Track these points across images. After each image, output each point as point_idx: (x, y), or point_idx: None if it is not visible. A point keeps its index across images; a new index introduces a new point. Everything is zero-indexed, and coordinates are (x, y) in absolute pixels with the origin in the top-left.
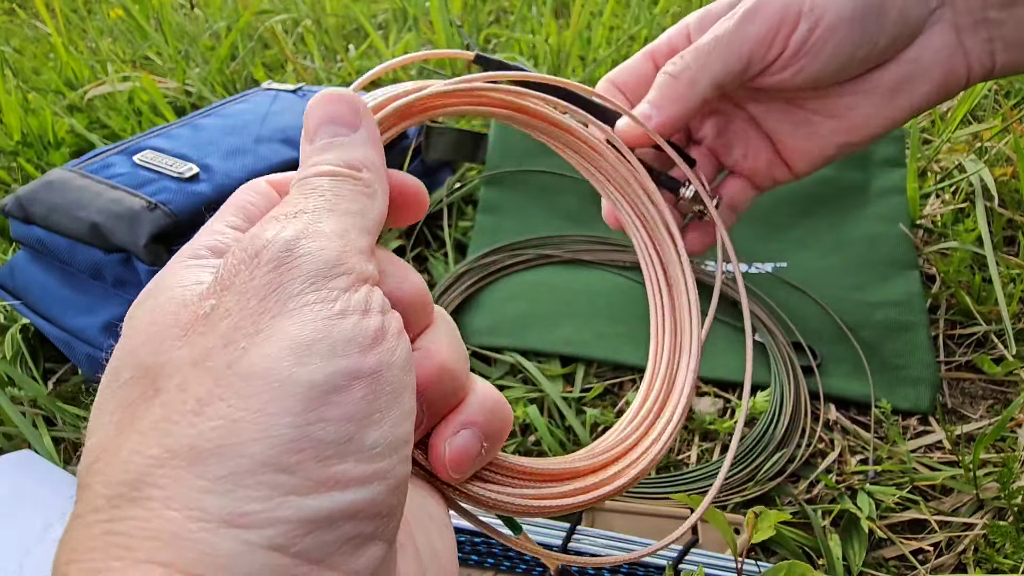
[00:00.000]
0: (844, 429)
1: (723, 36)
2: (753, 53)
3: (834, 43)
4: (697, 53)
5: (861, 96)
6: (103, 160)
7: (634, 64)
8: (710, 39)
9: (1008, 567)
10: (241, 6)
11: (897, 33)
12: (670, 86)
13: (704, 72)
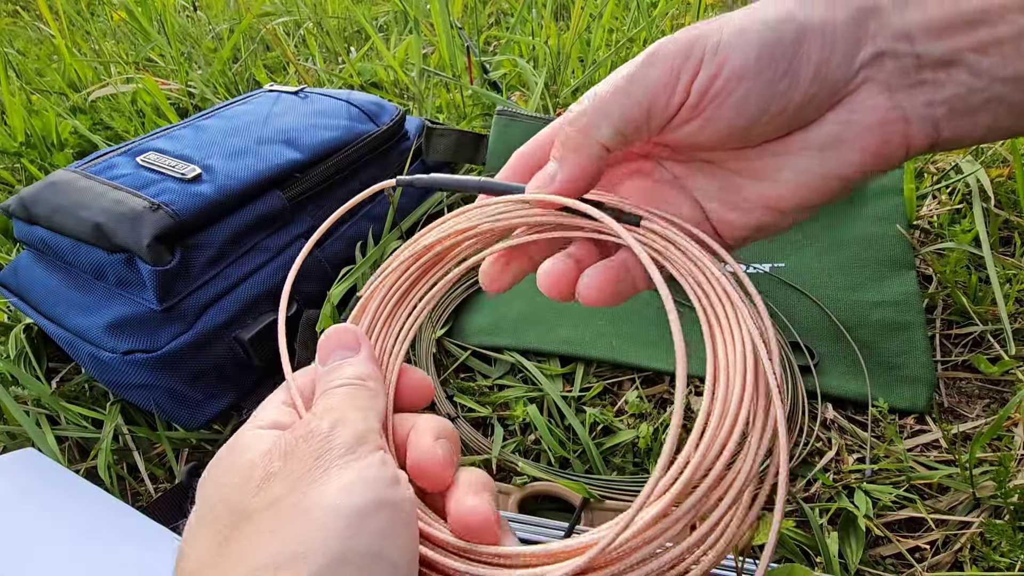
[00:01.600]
0: (841, 428)
1: (621, 81)
2: (654, 99)
3: (740, 93)
4: (595, 100)
5: (787, 157)
6: (106, 161)
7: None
8: (609, 86)
9: (1005, 565)
10: (243, 8)
11: (815, 91)
12: (570, 136)
13: (602, 117)
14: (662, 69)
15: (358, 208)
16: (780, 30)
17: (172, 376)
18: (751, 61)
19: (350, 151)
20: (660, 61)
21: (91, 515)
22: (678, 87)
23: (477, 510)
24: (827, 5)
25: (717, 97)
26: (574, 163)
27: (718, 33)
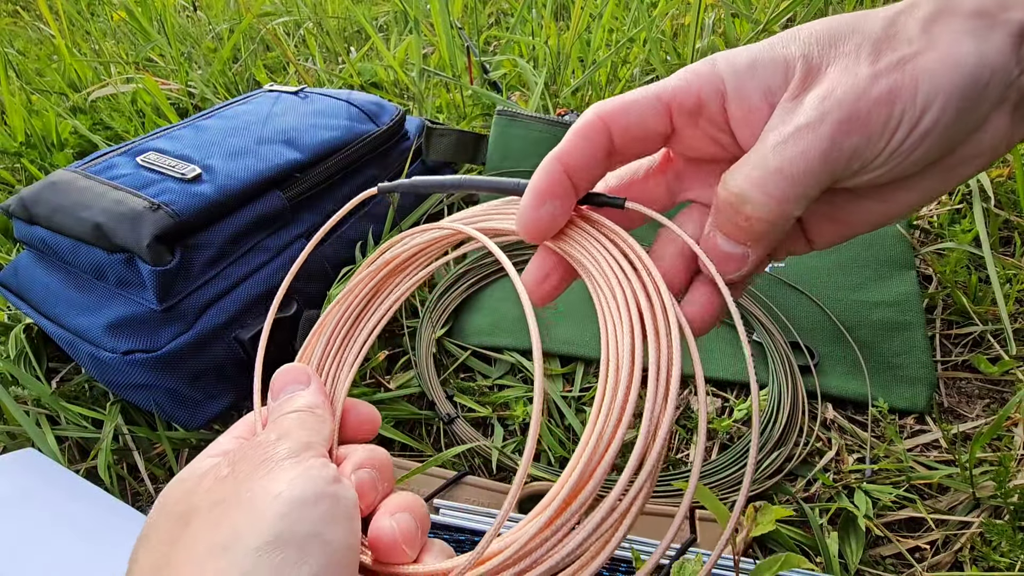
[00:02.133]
0: (841, 428)
1: (811, 151)
2: (848, 167)
3: (925, 147)
4: (778, 179)
5: (917, 180)
6: (106, 161)
7: (642, 108)
8: (798, 156)
9: (1004, 565)
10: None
11: (979, 125)
12: (756, 225)
13: (794, 200)
14: (864, 136)
15: (358, 208)
16: (977, 78)
17: (172, 376)
18: (947, 118)
19: (350, 151)
20: (862, 126)
21: (91, 515)
22: (871, 151)
23: (383, 530)
24: (994, 29)
25: (903, 154)
26: (766, 244)
27: (914, 88)
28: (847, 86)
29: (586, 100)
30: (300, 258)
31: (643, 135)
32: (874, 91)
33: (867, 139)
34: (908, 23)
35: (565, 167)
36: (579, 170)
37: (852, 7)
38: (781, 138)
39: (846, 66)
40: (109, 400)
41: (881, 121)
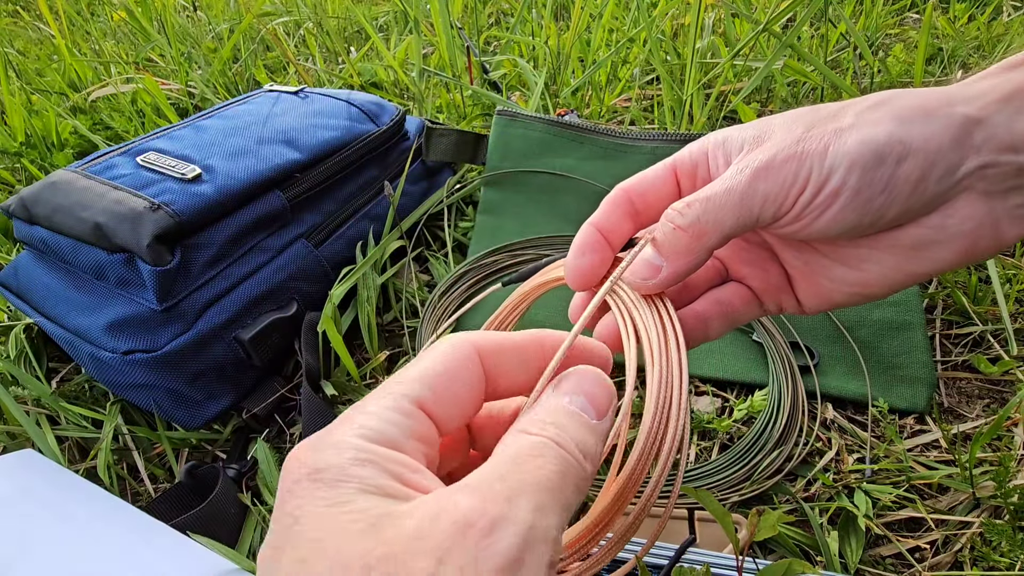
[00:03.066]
0: (841, 428)
1: (735, 189)
2: (763, 210)
3: (837, 208)
4: (707, 205)
5: (875, 251)
6: (106, 161)
7: (654, 176)
8: (721, 191)
9: (1005, 565)
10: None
11: (911, 205)
12: (679, 239)
13: (714, 226)
14: (773, 183)
15: (358, 208)
16: (883, 153)
17: (172, 376)
18: (852, 183)
19: (350, 151)
20: (773, 175)
21: (91, 515)
22: (785, 202)
23: None
24: (929, 120)
25: (816, 210)
26: (682, 264)
27: (824, 153)
28: (775, 146)
29: (586, 100)
30: None
31: (656, 197)
32: (790, 150)
33: (777, 187)
34: (850, 110)
35: (598, 228)
36: (610, 230)
37: (852, 7)
38: (719, 177)
39: (783, 134)
40: (109, 400)
41: (791, 173)
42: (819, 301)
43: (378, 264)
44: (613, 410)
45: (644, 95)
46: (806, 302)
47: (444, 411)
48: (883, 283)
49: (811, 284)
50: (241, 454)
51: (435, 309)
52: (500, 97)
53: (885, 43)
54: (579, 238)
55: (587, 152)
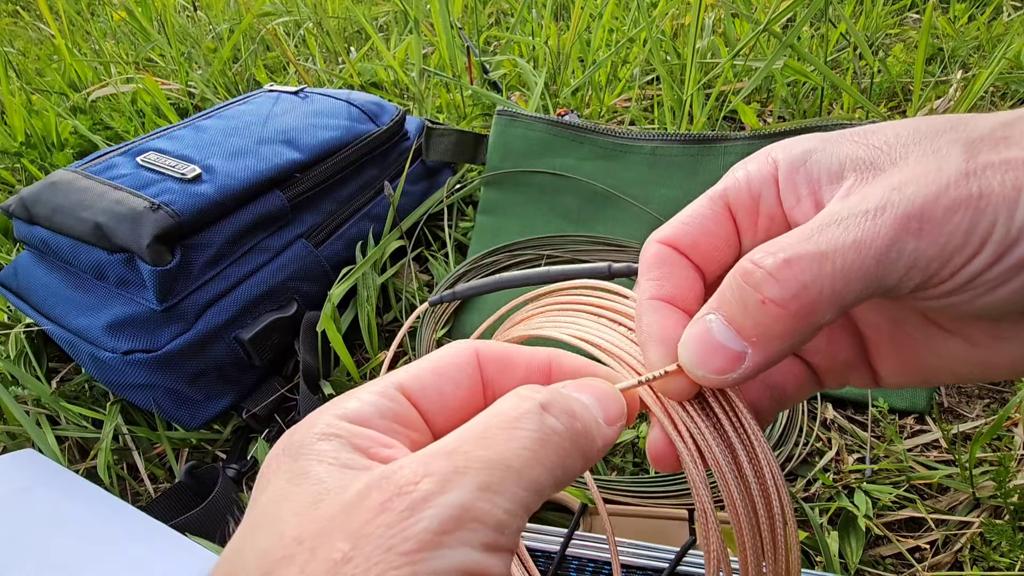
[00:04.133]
0: (841, 428)
1: (868, 245)
2: (906, 278)
3: (1017, 284)
4: (821, 266)
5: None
6: (106, 161)
7: (701, 217)
8: (846, 246)
9: (1005, 565)
10: (243, 8)
11: None
12: (773, 317)
13: (830, 298)
14: (933, 242)
15: (358, 208)
16: None
17: (172, 376)
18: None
19: (350, 151)
20: (934, 230)
21: (91, 515)
22: (944, 269)
23: None
24: None
25: (990, 283)
26: (775, 351)
27: (1016, 200)
28: (926, 180)
29: (586, 100)
30: None
31: (713, 247)
32: (958, 192)
33: (937, 247)
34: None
35: (666, 300)
36: (679, 300)
37: (852, 8)
38: (831, 220)
39: (930, 160)
40: (109, 400)
41: (961, 228)
42: (909, 377)
43: (378, 264)
44: (620, 427)
45: (644, 95)
46: (889, 376)
47: (430, 403)
48: (1014, 364)
49: (903, 357)
50: (241, 454)
51: (435, 309)
52: (500, 97)
53: (885, 43)
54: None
55: (587, 152)
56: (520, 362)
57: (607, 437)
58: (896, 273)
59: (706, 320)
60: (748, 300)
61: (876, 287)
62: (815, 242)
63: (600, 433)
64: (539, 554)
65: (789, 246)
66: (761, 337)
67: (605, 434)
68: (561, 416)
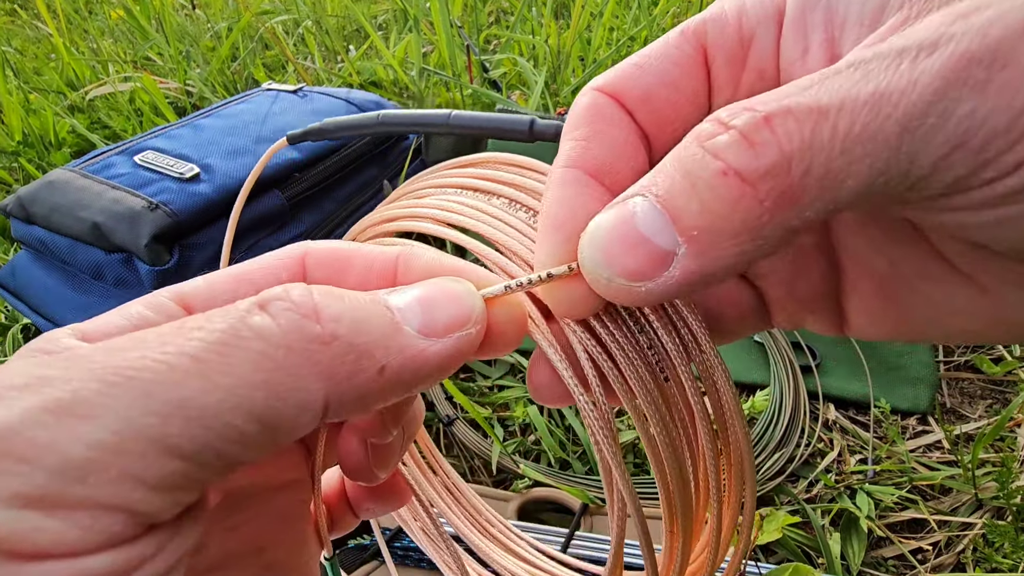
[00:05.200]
0: (843, 429)
1: (890, 96)
2: (942, 167)
3: None
4: (810, 125)
5: None
6: (104, 160)
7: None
8: (865, 96)
9: (1007, 567)
10: (242, 7)
11: None
12: (733, 199)
13: (818, 183)
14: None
15: (357, 207)
16: None
17: None
18: None
19: (349, 150)
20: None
21: None
22: (1008, 155)
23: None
24: None
25: None
26: (720, 256)
27: None
28: (1001, 8)
29: None
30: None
31: (672, 108)
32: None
33: (1010, 116)
34: None
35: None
36: (601, 166)
37: None
38: (847, 65)
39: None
40: None
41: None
42: (886, 327)
43: None
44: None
45: None
46: (860, 325)
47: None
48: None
49: (886, 301)
50: None
51: None
52: (500, 96)
53: None
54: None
55: None
56: (358, 264)
57: (416, 352)
58: (931, 152)
59: (628, 202)
60: (699, 172)
61: (894, 176)
62: (814, 93)
63: (400, 344)
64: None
65: (775, 99)
66: (705, 231)
67: (411, 347)
68: (283, 313)
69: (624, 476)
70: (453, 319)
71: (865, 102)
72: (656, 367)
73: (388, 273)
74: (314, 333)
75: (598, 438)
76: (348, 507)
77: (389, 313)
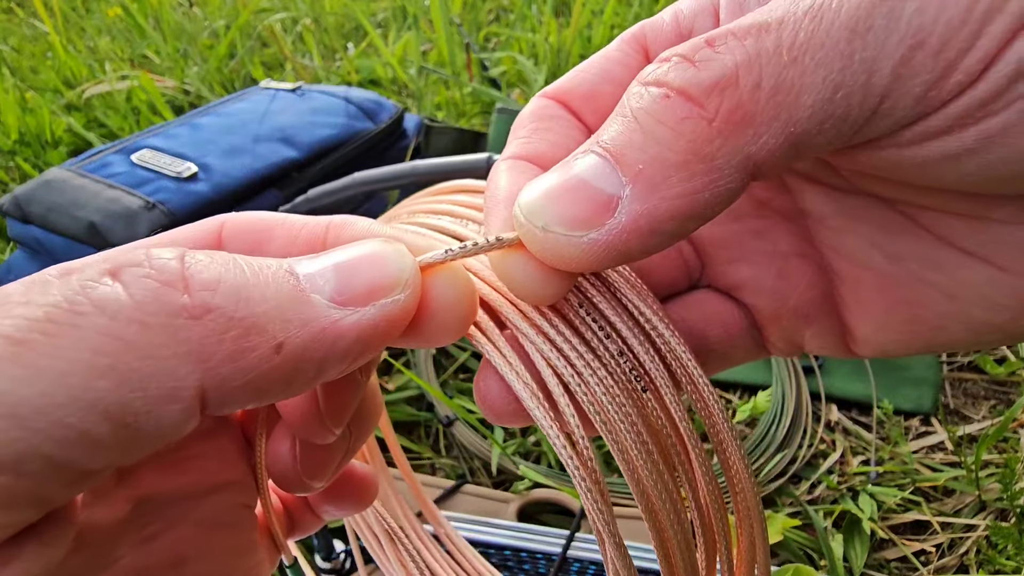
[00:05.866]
0: (846, 430)
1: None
2: (905, 81)
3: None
4: (754, 39)
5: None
6: (101, 159)
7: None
8: (791, 12)
9: (1011, 569)
10: (240, 4)
11: None
12: (679, 125)
13: (769, 99)
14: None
15: (354, 209)
16: None
17: None
18: None
19: (348, 149)
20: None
21: None
22: (967, 59)
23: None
24: None
25: (974, 104)
26: (668, 196)
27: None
28: None
29: None
30: None
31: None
32: None
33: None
34: None
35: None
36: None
37: None
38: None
39: None
40: None
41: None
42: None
43: None
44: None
45: None
46: (868, 334)
47: None
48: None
49: (892, 302)
50: None
51: None
52: (500, 94)
53: None
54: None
55: None
56: (280, 234)
57: (327, 325)
58: (888, 56)
59: (570, 162)
60: (640, 104)
61: (855, 89)
62: (753, 16)
63: (304, 316)
64: (540, 556)
65: (726, 27)
66: (651, 163)
67: (320, 318)
68: (138, 281)
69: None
70: (376, 283)
71: (805, 12)
72: (631, 376)
73: (315, 246)
74: (178, 304)
75: (588, 507)
76: (307, 506)
77: (291, 279)
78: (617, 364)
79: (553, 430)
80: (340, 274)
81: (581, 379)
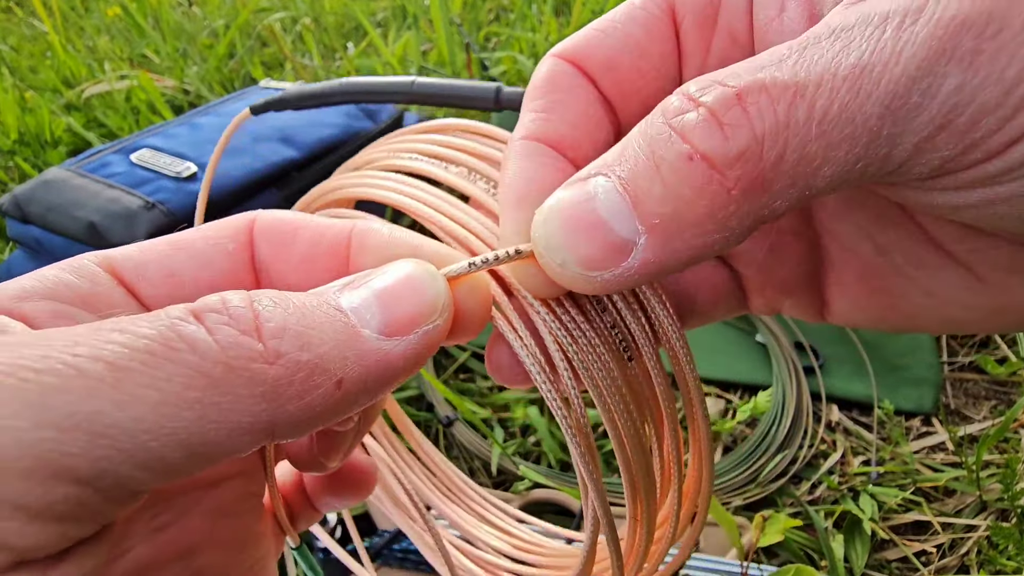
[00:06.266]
0: (846, 430)
1: (872, 70)
2: (926, 148)
3: None
4: (786, 104)
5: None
6: (100, 159)
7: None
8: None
9: (1012, 569)
10: (239, 4)
11: None
12: (700, 186)
13: (792, 170)
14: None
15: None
16: None
17: None
18: None
19: (348, 149)
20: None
21: None
22: (1001, 133)
23: None
24: None
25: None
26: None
27: None
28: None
29: None
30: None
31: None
32: None
33: (1002, 90)
34: None
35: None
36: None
37: None
38: (826, 32)
39: None
40: None
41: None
42: (872, 316)
43: None
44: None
45: None
46: (843, 311)
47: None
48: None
49: (871, 289)
50: None
51: None
52: None
53: None
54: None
55: None
56: (304, 236)
57: (379, 358)
58: (913, 134)
59: (589, 182)
60: (664, 153)
61: (874, 161)
62: (789, 67)
63: (358, 351)
64: None
65: (749, 72)
66: (668, 219)
67: (372, 352)
68: (220, 328)
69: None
70: (417, 312)
71: (845, 78)
72: (620, 347)
73: (339, 248)
74: (256, 351)
75: (574, 454)
76: (307, 500)
77: (342, 316)
78: (609, 335)
79: (551, 393)
80: (383, 306)
81: (577, 346)
